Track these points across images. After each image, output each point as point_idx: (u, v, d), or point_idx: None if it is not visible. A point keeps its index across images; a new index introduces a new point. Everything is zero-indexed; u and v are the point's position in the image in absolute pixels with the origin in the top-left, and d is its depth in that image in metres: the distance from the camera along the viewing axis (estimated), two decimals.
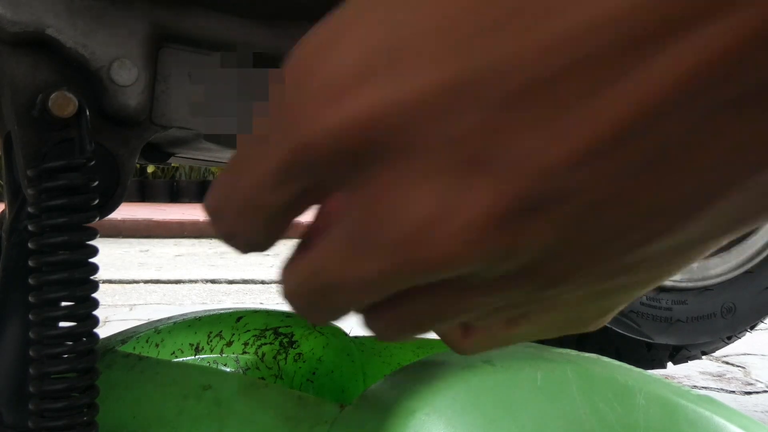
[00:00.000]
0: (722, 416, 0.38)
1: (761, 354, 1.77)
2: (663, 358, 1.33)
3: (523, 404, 0.35)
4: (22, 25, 0.34)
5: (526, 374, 0.36)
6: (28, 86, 0.34)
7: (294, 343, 0.58)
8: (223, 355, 0.56)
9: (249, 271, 3.16)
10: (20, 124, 0.34)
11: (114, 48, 0.35)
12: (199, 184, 7.35)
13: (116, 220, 4.66)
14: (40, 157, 0.34)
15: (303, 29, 0.40)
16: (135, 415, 0.40)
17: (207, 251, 4.00)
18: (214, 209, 0.22)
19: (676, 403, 0.37)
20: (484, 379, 0.35)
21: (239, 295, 2.61)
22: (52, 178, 0.34)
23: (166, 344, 0.53)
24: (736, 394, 1.46)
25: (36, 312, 0.34)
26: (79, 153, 0.34)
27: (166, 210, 5.74)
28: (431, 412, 0.33)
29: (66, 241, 0.34)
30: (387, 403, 0.34)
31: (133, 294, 2.54)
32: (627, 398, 0.36)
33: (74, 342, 0.34)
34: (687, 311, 1.32)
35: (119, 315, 2.11)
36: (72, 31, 0.34)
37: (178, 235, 4.83)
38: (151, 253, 3.85)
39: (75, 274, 0.34)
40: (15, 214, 0.39)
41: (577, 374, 0.36)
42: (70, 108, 0.34)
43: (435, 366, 0.36)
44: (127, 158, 0.37)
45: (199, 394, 0.38)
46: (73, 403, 0.34)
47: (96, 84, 0.35)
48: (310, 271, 0.21)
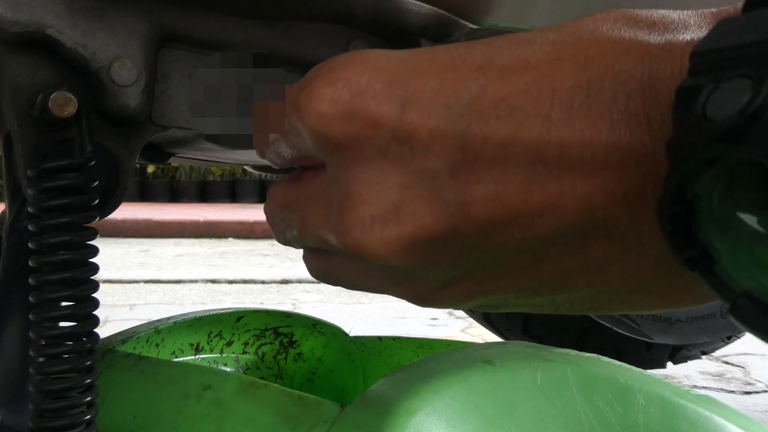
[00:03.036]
0: (722, 416, 0.38)
1: (761, 354, 1.77)
2: (663, 358, 1.33)
3: (523, 404, 0.35)
4: (22, 26, 0.34)
5: (526, 374, 0.36)
6: (28, 86, 0.34)
7: (294, 343, 0.58)
8: (223, 355, 0.56)
9: (249, 271, 3.16)
10: (20, 124, 0.34)
11: (114, 48, 0.35)
12: (199, 184, 7.35)
13: (116, 220, 4.66)
14: (40, 157, 0.34)
15: (303, 29, 0.40)
16: (135, 415, 0.40)
17: (207, 251, 4.00)
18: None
19: (676, 403, 0.37)
20: (484, 379, 0.35)
21: (239, 295, 2.61)
22: (52, 178, 0.34)
23: (166, 344, 0.53)
24: (735, 394, 1.45)
25: (36, 312, 0.34)
26: (79, 153, 0.34)
27: (166, 210, 5.74)
28: (431, 412, 0.33)
29: (66, 241, 0.34)
30: (387, 403, 0.34)
31: (133, 294, 2.54)
32: (627, 398, 0.36)
33: (74, 342, 0.34)
34: (687, 311, 1.32)
35: (119, 315, 2.11)
36: (72, 31, 0.34)
37: (178, 235, 4.83)
38: (151, 253, 3.85)
39: (75, 274, 0.34)
40: (15, 214, 0.39)
41: (577, 374, 0.36)
42: (70, 108, 0.34)
43: (435, 366, 0.36)
44: (127, 158, 0.37)
45: (199, 394, 0.38)
46: (73, 403, 0.34)
47: (96, 84, 0.35)
48: (291, 203, 0.30)
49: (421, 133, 0.24)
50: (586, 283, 0.24)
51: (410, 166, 0.24)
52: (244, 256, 3.81)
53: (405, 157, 0.24)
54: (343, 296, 2.56)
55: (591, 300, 0.25)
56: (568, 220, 0.22)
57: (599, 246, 0.23)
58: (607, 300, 0.25)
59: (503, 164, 0.23)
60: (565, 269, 0.24)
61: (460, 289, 0.26)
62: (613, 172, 0.21)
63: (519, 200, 0.23)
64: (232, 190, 7.33)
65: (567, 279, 0.24)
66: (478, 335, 1.86)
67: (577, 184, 0.22)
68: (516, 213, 0.23)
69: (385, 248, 0.25)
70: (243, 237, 4.83)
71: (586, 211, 0.22)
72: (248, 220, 4.99)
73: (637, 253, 0.23)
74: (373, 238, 0.25)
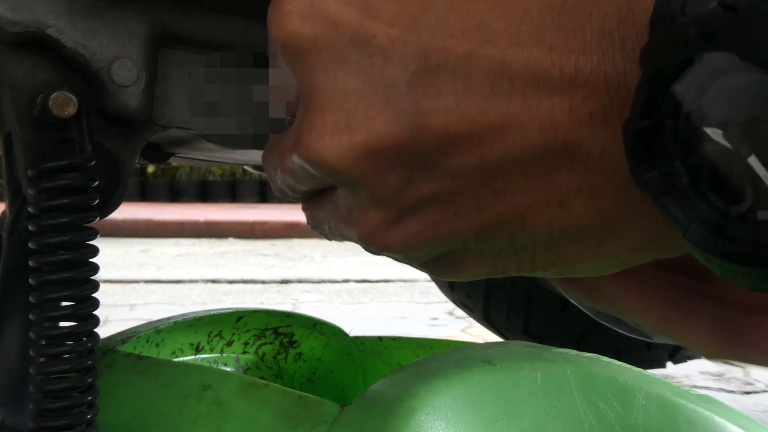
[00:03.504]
0: (722, 416, 0.38)
1: None
2: (663, 358, 1.33)
3: (523, 404, 0.35)
4: (23, 26, 0.34)
5: (526, 374, 0.36)
6: (28, 86, 0.34)
7: (294, 342, 0.58)
8: (223, 355, 0.56)
9: (249, 271, 3.16)
10: (20, 124, 0.34)
11: (114, 48, 0.35)
12: (199, 184, 7.35)
13: (116, 220, 4.66)
14: (41, 157, 0.34)
15: None
16: (135, 414, 0.40)
17: (207, 251, 4.00)
18: None
19: (676, 403, 0.37)
20: (484, 379, 0.35)
21: (239, 295, 2.62)
22: (53, 178, 0.34)
23: (166, 344, 0.53)
24: (735, 394, 1.46)
25: (36, 312, 0.34)
26: (79, 153, 0.34)
27: (166, 210, 5.74)
28: (431, 412, 0.33)
29: (66, 241, 0.34)
30: (387, 403, 0.34)
31: (133, 294, 2.54)
32: (626, 398, 0.36)
33: (75, 342, 0.34)
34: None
35: (119, 315, 2.11)
36: (72, 31, 0.34)
37: (178, 235, 4.83)
38: (151, 253, 3.85)
39: (75, 274, 0.34)
40: (15, 214, 0.39)
41: (576, 374, 0.36)
42: (70, 108, 0.34)
43: (435, 366, 0.36)
44: (127, 158, 0.37)
45: (199, 393, 0.38)
46: (73, 403, 0.34)
47: (96, 84, 0.35)
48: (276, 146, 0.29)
49: (380, 39, 0.23)
50: (548, 221, 0.23)
51: (367, 74, 0.24)
52: (244, 256, 3.81)
53: (363, 63, 0.24)
54: (343, 296, 2.56)
55: (553, 246, 0.24)
56: (530, 140, 0.22)
57: (561, 177, 0.22)
58: (569, 246, 0.24)
59: (465, 77, 0.22)
60: (526, 203, 0.23)
61: (413, 228, 0.25)
62: (581, 91, 0.21)
63: (479, 114, 0.22)
64: (232, 190, 7.33)
65: (527, 216, 0.23)
66: (478, 335, 1.86)
67: (542, 101, 0.21)
68: (475, 128, 0.22)
69: (336, 156, 0.24)
70: (243, 237, 4.83)
71: (549, 130, 0.21)
72: (248, 220, 4.99)
73: (599, 184, 0.22)
74: (325, 145, 0.24)
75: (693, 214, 0.19)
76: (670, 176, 0.19)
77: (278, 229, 4.83)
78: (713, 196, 0.19)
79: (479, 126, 0.22)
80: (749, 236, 0.18)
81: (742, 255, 0.18)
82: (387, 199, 0.25)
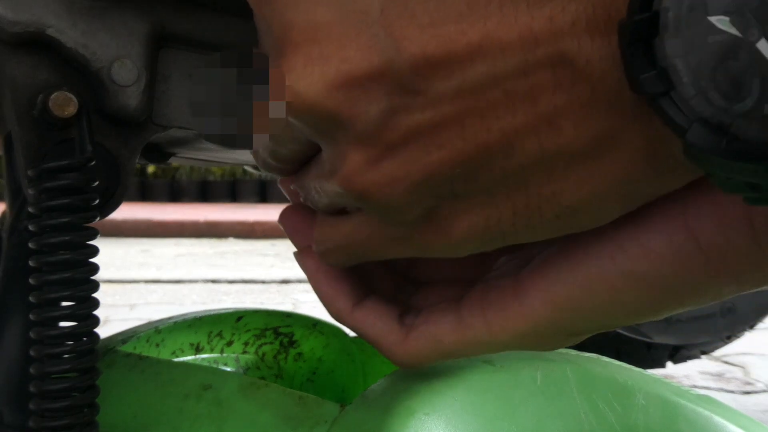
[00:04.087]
0: (722, 416, 0.38)
1: (761, 354, 1.77)
2: (662, 358, 1.33)
3: (523, 404, 0.35)
4: (23, 26, 0.34)
5: (526, 374, 0.36)
6: (28, 86, 0.34)
7: (294, 342, 0.58)
8: (223, 355, 0.56)
9: (249, 271, 3.16)
10: (20, 124, 0.34)
11: (114, 48, 0.35)
12: (199, 184, 7.35)
13: (116, 220, 4.66)
14: (41, 157, 0.34)
15: None
16: (135, 414, 0.40)
17: (207, 251, 4.00)
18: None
19: (676, 403, 0.37)
20: (484, 379, 0.35)
21: (239, 295, 2.61)
22: (53, 178, 0.34)
23: (166, 344, 0.53)
24: (735, 394, 1.46)
25: (36, 312, 0.34)
26: (79, 153, 0.34)
27: (166, 210, 5.74)
28: (431, 412, 0.33)
29: (66, 241, 0.34)
30: (387, 403, 0.34)
31: (133, 294, 2.54)
32: (626, 398, 0.36)
33: (75, 342, 0.34)
34: (687, 312, 1.32)
35: (120, 315, 2.11)
36: (72, 31, 0.34)
37: (178, 234, 4.83)
38: (151, 253, 3.85)
39: (75, 274, 0.34)
40: (15, 214, 0.39)
41: (576, 374, 0.37)
42: (70, 108, 0.34)
43: (435, 366, 0.36)
44: (127, 158, 0.37)
45: (199, 393, 0.38)
46: (73, 403, 0.34)
47: (96, 84, 0.35)
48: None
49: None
50: (538, 146, 0.22)
51: (338, 3, 0.23)
52: (244, 256, 3.81)
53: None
54: None
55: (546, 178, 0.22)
56: (510, 55, 0.21)
57: (546, 95, 0.21)
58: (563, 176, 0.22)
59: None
60: (513, 127, 0.22)
61: (397, 168, 0.23)
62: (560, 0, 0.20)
63: (456, 33, 0.21)
64: (233, 190, 7.33)
65: (515, 143, 0.22)
66: None
67: (520, 13, 0.20)
68: (453, 47, 0.21)
69: (308, 89, 0.24)
70: (243, 237, 4.83)
71: (529, 43, 0.20)
72: (248, 220, 4.99)
73: (586, 98, 0.21)
74: (297, 80, 0.24)
75: (695, 115, 0.18)
76: (670, 75, 0.19)
77: (278, 229, 4.80)
78: (715, 95, 0.18)
79: (457, 45, 0.21)
80: (755, 131, 0.17)
81: (748, 152, 0.18)
82: (367, 135, 0.23)
